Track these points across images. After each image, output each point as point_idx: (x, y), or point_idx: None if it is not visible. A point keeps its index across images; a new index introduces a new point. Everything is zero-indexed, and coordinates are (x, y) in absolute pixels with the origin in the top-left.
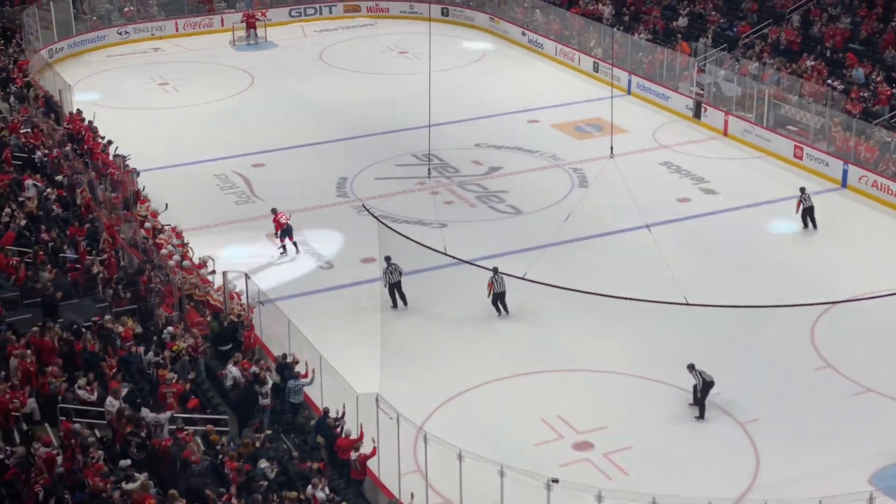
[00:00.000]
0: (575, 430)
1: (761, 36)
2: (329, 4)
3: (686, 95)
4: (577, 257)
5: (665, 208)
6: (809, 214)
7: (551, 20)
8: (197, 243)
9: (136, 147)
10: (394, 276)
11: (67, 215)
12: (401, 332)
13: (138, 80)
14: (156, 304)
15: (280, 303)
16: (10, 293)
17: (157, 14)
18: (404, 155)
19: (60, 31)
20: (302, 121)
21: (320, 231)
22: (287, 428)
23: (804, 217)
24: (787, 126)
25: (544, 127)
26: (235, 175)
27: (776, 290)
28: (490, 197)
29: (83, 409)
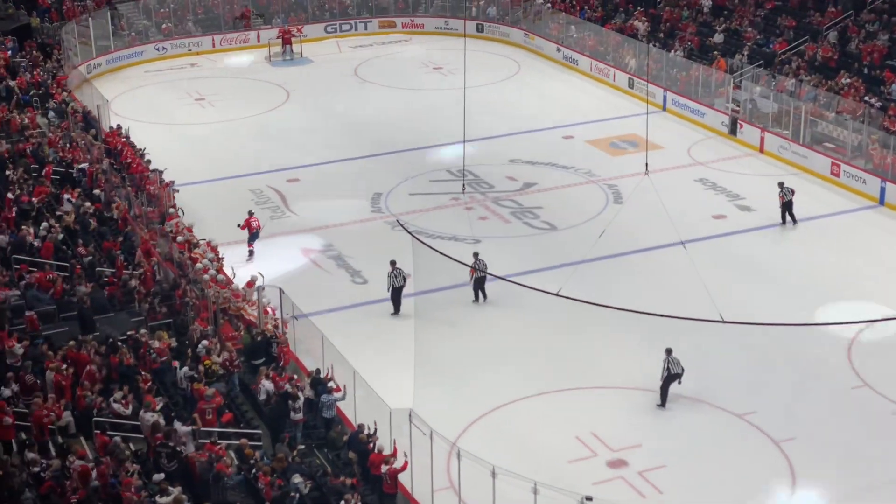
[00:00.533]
0: (609, 448)
1: (798, 52)
2: (364, 21)
3: (722, 112)
4: (611, 274)
5: (700, 225)
6: (788, 209)
7: (586, 36)
8: (231, 258)
9: (172, 162)
10: (398, 280)
11: (104, 229)
12: (435, 348)
13: (175, 95)
14: (191, 318)
15: (314, 317)
16: (48, 306)
17: (193, 30)
18: (439, 170)
19: (99, 47)
20: (337, 136)
21: (355, 246)
22: (320, 443)
23: (783, 212)
24: (823, 143)
25: (579, 143)
26: (270, 190)
27: (812, 308)
28: (524, 213)
29: (118, 423)
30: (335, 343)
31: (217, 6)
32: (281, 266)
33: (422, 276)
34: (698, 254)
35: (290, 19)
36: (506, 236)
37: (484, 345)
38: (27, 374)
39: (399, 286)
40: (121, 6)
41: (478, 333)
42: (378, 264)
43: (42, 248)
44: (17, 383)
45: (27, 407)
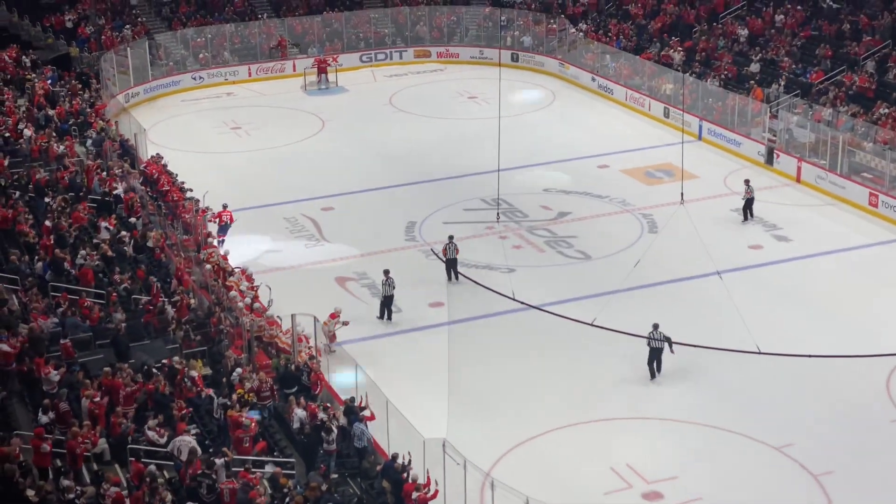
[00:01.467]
0: (644, 480)
1: (835, 82)
2: (399, 50)
3: (758, 141)
4: (646, 304)
5: (736, 255)
6: (749, 206)
7: (621, 65)
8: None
9: (209, 190)
10: (388, 289)
11: (140, 257)
12: (469, 377)
13: (211, 124)
14: (225, 346)
15: (348, 346)
16: (84, 334)
17: (230, 59)
18: (473, 199)
19: (137, 77)
20: (371, 164)
21: None
22: (353, 472)
23: (745, 209)
24: (861, 173)
25: (614, 172)
26: (305, 218)
27: (851, 340)
28: (559, 242)
29: (152, 450)
30: (369, 372)
31: (253, 36)
32: (315, 294)
33: (456, 305)
34: (734, 284)
35: (326, 49)
36: (540, 265)
37: (518, 374)
38: (62, 401)
39: (388, 295)
40: (159, 36)
41: (512, 363)
42: (412, 293)
43: (79, 275)
44: (53, 410)
45: (63, 434)
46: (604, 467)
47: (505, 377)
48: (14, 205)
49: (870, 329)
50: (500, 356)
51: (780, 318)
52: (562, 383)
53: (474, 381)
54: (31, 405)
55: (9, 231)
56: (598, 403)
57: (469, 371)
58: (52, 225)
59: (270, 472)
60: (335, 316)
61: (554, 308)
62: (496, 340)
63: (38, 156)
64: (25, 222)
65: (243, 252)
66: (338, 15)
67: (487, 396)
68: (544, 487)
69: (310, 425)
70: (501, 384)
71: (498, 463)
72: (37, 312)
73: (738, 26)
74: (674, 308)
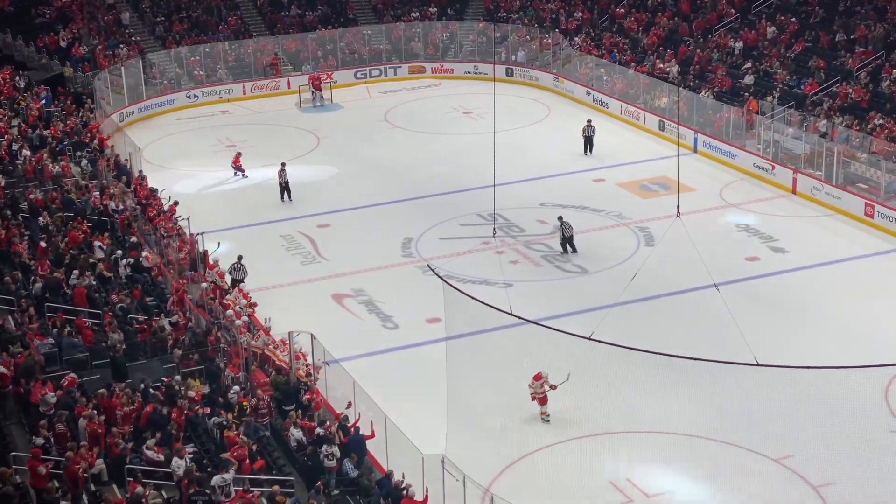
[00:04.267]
0: (644, 494)
1: (829, 94)
2: (394, 66)
3: (754, 154)
4: (644, 317)
5: (733, 267)
6: (569, 242)
7: (616, 79)
8: (263, 303)
9: (203, 208)
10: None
11: (136, 276)
12: (467, 393)
13: (206, 142)
14: (223, 364)
15: (345, 363)
16: (80, 354)
17: (224, 78)
18: (469, 214)
19: (131, 96)
20: (367, 181)
21: (385, 291)
22: (352, 489)
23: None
24: (857, 184)
25: (610, 186)
26: (301, 235)
27: (848, 350)
28: (556, 256)
29: (150, 470)
30: (366, 388)
31: (248, 54)
32: (312, 311)
33: (453, 321)
34: (732, 296)
35: (321, 65)
36: (537, 280)
37: (516, 389)
38: (59, 422)
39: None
40: (152, 55)
41: (510, 378)
42: (409, 309)
43: (74, 295)
44: (49, 431)
45: (61, 455)
46: (603, 482)
47: (503, 392)
48: (8, 225)
49: (867, 339)
50: (497, 371)
51: (777, 330)
52: (560, 398)
53: (472, 397)
54: (28, 427)
55: (4, 252)
56: (597, 417)
57: (467, 386)
58: (47, 245)
59: (269, 491)
60: (539, 378)
61: (551, 322)
62: (494, 355)
63: (32, 176)
64: (21, 242)
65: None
66: (332, 32)
67: (486, 411)
68: (543, 502)
69: (309, 444)
70: (500, 399)
71: (497, 479)
72: (32, 333)
73: (732, 39)
74: (671, 321)
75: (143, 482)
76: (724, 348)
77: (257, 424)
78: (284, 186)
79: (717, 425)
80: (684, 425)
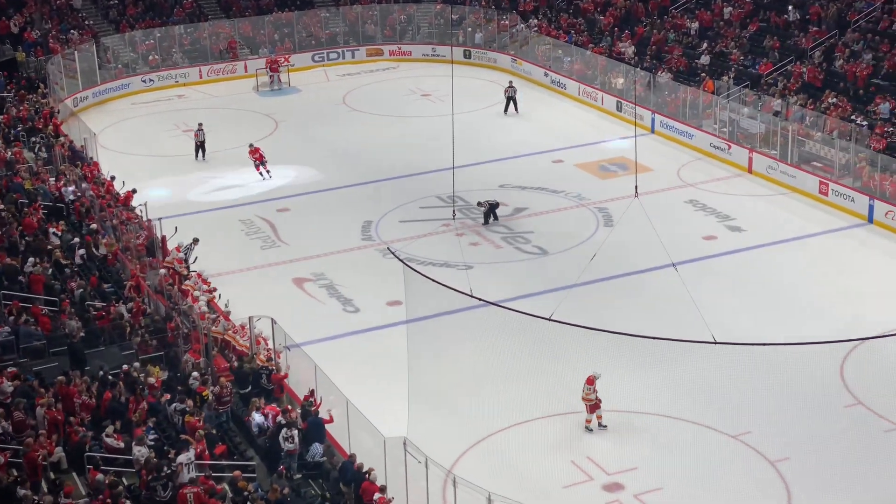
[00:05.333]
0: (605, 472)
1: (784, 73)
2: (352, 49)
3: (711, 133)
4: (603, 297)
5: (691, 246)
6: (493, 211)
7: (574, 60)
8: (222, 288)
9: (161, 193)
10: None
11: (92, 264)
12: (428, 375)
13: (163, 127)
14: (182, 350)
15: (306, 347)
16: (37, 342)
17: (180, 61)
18: (429, 197)
19: (85, 80)
20: (326, 165)
21: (346, 275)
22: (315, 473)
23: (486, 216)
24: (811, 162)
25: (568, 167)
26: (260, 220)
27: (804, 327)
28: (515, 238)
29: (111, 458)
30: (328, 372)
31: (203, 37)
32: (272, 296)
33: (414, 304)
34: (689, 275)
35: (278, 49)
36: (497, 262)
37: (477, 371)
38: (17, 410)
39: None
40: (106, 39)
41: (471, 360)
42: (370, 293)
43: (31, 282)
44: (7, 420)
45: (19, 444)
46: (564, 461)
47: (464, 374)
48: None
49: (823, 316)
50: (459, 353)
51: (734, 308)
52: (521, 379)
53: (434, 379)
54: None
55: None
56: (558, 397)
57: (428, 369)
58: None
59: (230, 477)
60: (592, 381)
61: (512, 304)
62: (455, 338)
63: None
64: None
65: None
66: (288, 15)
67: (447, 394)
68: (506, 483)
69: (271, 428)
70: (461, 381)
71: (459, 460)
72: None
73: (688, 19)
74: (630, 300)
75: (102, 469)
76: (683, 327)
77: (218, 410)
78: (200, 146)
79: (676, 403)
80: (644, 403)
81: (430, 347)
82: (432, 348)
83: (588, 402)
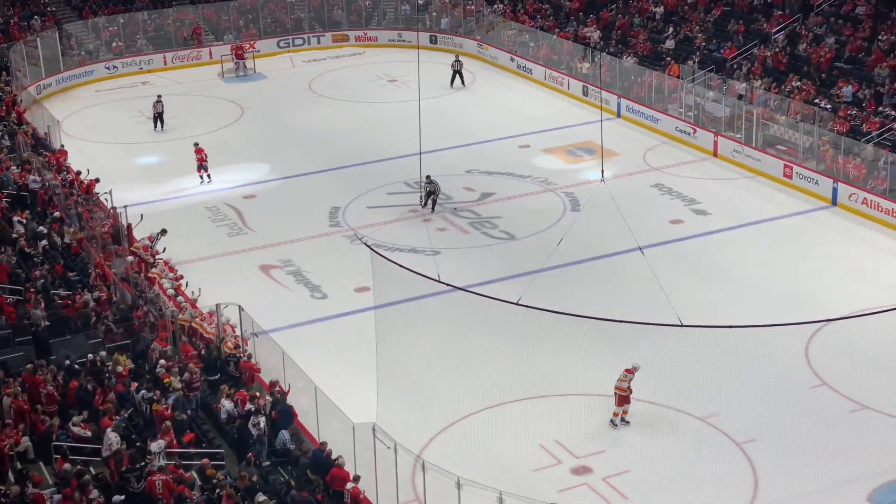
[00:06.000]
0: (573, 455)
1: (748, 57)
2: (317, 35)
3: (676, 118)
4: (570, 281)
5: (657, 230)
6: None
7: (540, 45)
8: (189, 276)
9: (126, 181)
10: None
11: (56, 253)
12: (396, 361)
13: (127, 114)
14: (150, 338)
15: (274, 334)
16: (2, 331)
17: (144, 48)
18: (396, 183)
19: (48, 68)
20: (292, 151)
21: (313, 261)
22: (283, 460)
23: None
24: (776, 146)
25: (535, 152)
26: (227, 207)
27: (770, 309)
28: (483, 223)
29: (78, 447)
30: (296, 359)
31: (167, 24)
32: (240, 283)
33: (382, 290)
34: (656, 259)
35: (243, 35)
36: (465, 247)
37: (446, 356)
38: None
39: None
40: (69, 26)
41: (439, 345)
42: (338, 279)
43: None
44: None
45: None
46: (533, 445)
47: (432, 359)
48: None
49: (787, 298)
50: (427, 339)
51: (701, 291)
52: (489, 363)
53: (402, 365)
54: None
55: None
56: (526, 382)
57: (396, 355)
58: None
59: (198, 464)
60: (631, 372)
61: (479, 289)
62: (423, 323)
63: None
64: None
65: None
66: (253, 0)
67: (416, 379)
68: (475, 467)
69: (239, 416)
70: (429, 367)
71: (428, 445)
72: None
73: (653, 3)
74: (598, 284)
75: (70, 459)
76: (650, 310)
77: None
78: (158, 116)
79: (644, 386)
80: (611, 387)
81: (399, 333)
82: (400, 334)
83: (620, 393)
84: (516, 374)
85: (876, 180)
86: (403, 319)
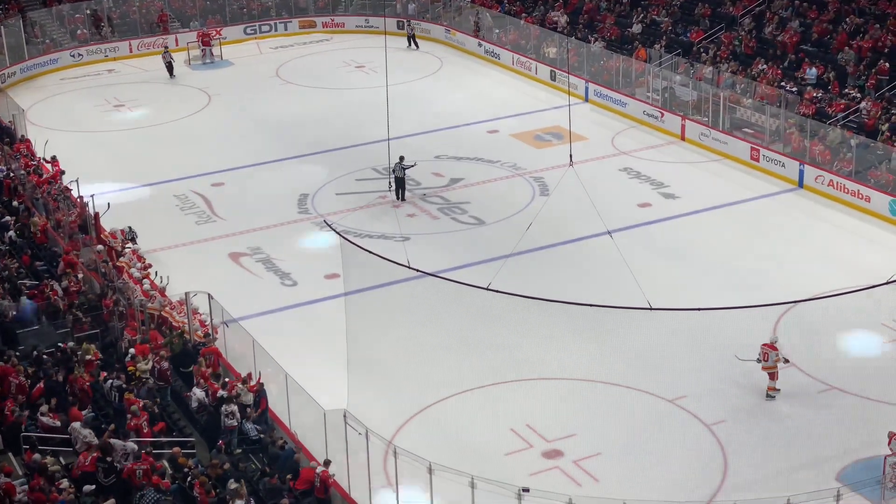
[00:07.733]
0: (544, 439)
1: (714, 41)
2: (284, 21)
3: (643, 101)
4: (540, 266)
5: (626, 214)
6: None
7: (507, 30)
8: (158, 264)
9: (93, 170)
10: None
11: (23, 242)
12: (367, 347)
13: (93, 102)
14: (119, 328)
15: (244, 322)
16: None
17: (110, 36)
18: (364, 169)
19: (12, 56)
20: (260, 138)
21: (283, 248)
22: (254, 448)
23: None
24: (742, 129)
25: (504, 137)
26: (195, 195)
27: (738, 292)
28: (452, 208)
29: (47, 437)
30: (266, 346)
31: (133, 11)
32: (209, 271)
33: (351, 276)
34: (625, 242)
35: (209, 22)
36: (434, 232)
37: (416, 342)
38: None
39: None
40: (33, 13)
41: (410, 331)
42: (307, 266)
43: None
44: None
45: None
46: (504, 429)
47: (403, 345)
48: None
49: (755, 280)
50: (397, 325)
51: (670, 274)
52: (459, 349)
53: (373, 351)
54: None
55: None
56: (496, 366)
57: (367, 341)
58: None
59: (169, 453)
60: (774, 347)
61: (449, 274)
62: (393, 309)
63: None
64: None
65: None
66: None
67: (386, 365)
68: (446, 453)
69: (211, 404)
70: (400, 352)
71: (400, 431)
72: None
73: None
74: (567, 269)
75: (40, 449)
76: (619, 294)
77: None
78: (168, 66)
79: (613, 369)
80: (582, 370)
81: (369, 319)
82: (370, 320)
83: (770, 370)
84: (487, 358)
85: (842, 162)
86: (373, 306)
